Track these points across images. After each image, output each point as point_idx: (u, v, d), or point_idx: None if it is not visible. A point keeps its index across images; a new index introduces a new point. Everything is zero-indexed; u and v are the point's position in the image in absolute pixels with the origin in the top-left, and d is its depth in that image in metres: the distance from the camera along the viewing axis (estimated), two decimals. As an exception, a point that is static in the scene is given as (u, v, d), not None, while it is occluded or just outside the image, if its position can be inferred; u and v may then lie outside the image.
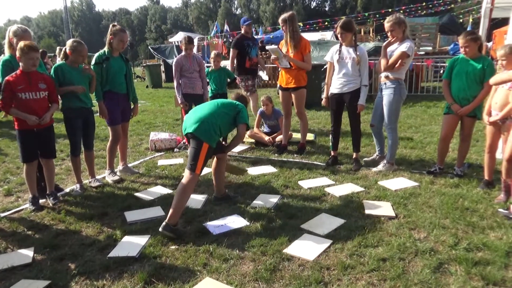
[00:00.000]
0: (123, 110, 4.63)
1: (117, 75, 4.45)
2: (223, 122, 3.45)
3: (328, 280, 2.51)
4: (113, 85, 4.43)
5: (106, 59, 4.36)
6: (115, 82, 4.44)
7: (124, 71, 4.53)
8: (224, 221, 3.39)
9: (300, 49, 5.05)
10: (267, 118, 6.30)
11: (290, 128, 5.67)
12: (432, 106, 8.78)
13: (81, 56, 4.05)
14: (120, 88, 4.51)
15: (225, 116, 3.48)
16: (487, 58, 4.08)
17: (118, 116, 4.54)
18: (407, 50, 4.20)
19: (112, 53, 4.44)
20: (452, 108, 4.14)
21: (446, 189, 3.95)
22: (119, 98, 4.52)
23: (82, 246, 3.07)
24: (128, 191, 4.26)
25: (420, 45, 12.46)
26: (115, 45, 4.41)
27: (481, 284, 2.41)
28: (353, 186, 4.13)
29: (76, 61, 4.05)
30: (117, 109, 4.51)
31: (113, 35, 4.39)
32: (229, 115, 3.52)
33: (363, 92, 4.54)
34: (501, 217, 3.30)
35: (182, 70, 5.53)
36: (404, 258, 2.72)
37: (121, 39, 4.40)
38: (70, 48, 4.00)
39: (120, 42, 4.41)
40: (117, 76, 4.45)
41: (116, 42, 4.39)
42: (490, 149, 3.91)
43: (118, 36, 4.38)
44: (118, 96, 4.51)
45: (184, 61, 5.51)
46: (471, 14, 21.16)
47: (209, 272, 2.64)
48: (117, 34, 4.39)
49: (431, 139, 5.95)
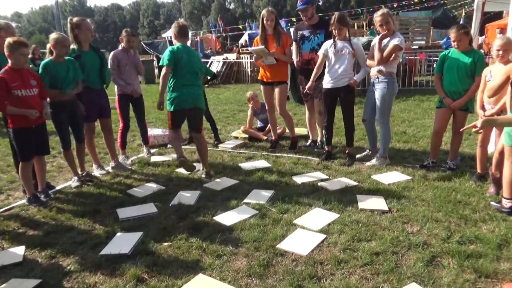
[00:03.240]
0: (100, 105, 4.52)
1: (92, 70, 4.32)
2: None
3: (321, 275, 2.51)
4: (88, 81, 4.30)
5: (77, 57, 4.18)
6: (90, 78, 4.31)
7: (98, 65, 4.38)
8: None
9: (282, 43, 5.03)
10: (258, 114, 6.27)
11: (276, 122, 5.64)
12: (425, 100, 8.81)
13: (64, 47, 3.94)
14: (96, 83, 4.40)
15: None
16: (477, 52, 4.09)
17: (93, 112, 4.44)
18: (399, 43, 4.21)
19: (82, 47, 4.26)
20: (444, 102, 4.15)
21: (439, 183, 3.97)
22: (94, 94, 4.40)
23: (73, 244, 3.04)
24: (120, 188, 4.23)
25: (414, 39, 12.48)
26: (83, 38, 4.24)
27: (473, 277, 2.42)
28: (346, 181, 4.13)
29: (61, 54, 3.95)
30: (93, 105, 4.40)
31: (78, 28, 4.19)
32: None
33: (362, 71, 4.58)
34: (493, 210, 3.31)
35: (119, 66, 4.94)
36: (397, 252, 2.73)
37: (87, 27, 4.24)
38: (53, 41, 3.91)
39: (88, 31, 4.24)
40: (92, 71, 4.32)
41: (83, 33, 4.22)
42: (482, 143, 3.92)
43: (82, 26, 4.20)
44: (94, 92, 4.40)
45: (122, 56, 4.94)
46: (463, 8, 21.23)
47: (202, 269, 2.63)
48: (80, 24, 4.20)
49: (424, 133, 5.97)
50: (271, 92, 5.37)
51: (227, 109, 9.15)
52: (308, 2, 4.94)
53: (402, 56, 9.96)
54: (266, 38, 5.08)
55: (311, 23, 5.05)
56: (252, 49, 5.19)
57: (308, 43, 5.04)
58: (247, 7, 66.91)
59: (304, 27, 5.11)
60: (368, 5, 32.92)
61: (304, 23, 5.13)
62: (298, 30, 5.22)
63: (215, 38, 23.42)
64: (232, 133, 6.54)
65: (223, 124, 7.40)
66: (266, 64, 5.13)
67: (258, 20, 5.23)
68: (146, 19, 77.89)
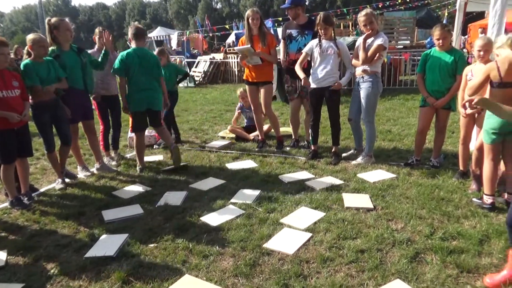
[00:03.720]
0: (83, 107, 4.45)
1: (74, 70, 4.23)
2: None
3: (307, 273, 2.53)
4: (71, 81, 4.20)
5: (56, 57, 4.10)
6: (73, 78, 4.20)
7: (79, 64, 4.29)
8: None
9: (267, 43, 5.04)
10: (246, 111, 6.26)
11: (263, 121, 5.66)
12: (410, 99, 8.94)
13: (42, 47, 3.87)
14: (78, 84, 4.29)
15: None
16: (458, 51, 4.18)
17: (76, 113, 4.36)
18: (383, 43, 4.26)
19: (62, 47, 4.18)
20: (427, 100, 4.22)
21: (423, 180, 4.03)
22: (77, 95, 4.31)
23: (57, 247, 3.00)
24: (105, 189, 4.18)
25: (398, 39, 12.62)
26: (62, 38, 4.16)
27: (455, 272, 2.47)
28: (332, 179, 4.16)
29: (39, 55, 3.88)
30: (76, 106, 4.31)
31: (56, 29, 4.11)
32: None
33: (348, 74, 4.61)
34: (475, 206, 3.38)
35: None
36: (382, 249, 2.76)
37: (66, 27, 4.16)
38: (30, 42, 3.85)
39: (67, 31, 4.17)
40: (74, 71, 4.23)
41: (63, 33, 4.14)
42: (464, 141, 4.00)
43: (61, 27, 4.12)
44: (78, 93, 4.31)
45: (98, 56, 4.73)
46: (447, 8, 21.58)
47: (188, 269, 2.62)
48: (59, 25, 4.12)
49: (408, 131, 6.05)
50: (256, 92, 5.38)
51: (214, 109, 9.12)
52: (292, 2, 4.95)
53: (387, 56, 10.10)
54: (251, 38, 5.09)
55: (299, 22, 5.06)
56: (238, 48, 5.18)
57: (296, 43, 5.05)
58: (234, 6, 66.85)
59: (293, 26, 5.12)
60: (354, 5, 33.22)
61: (293, 22, 5.13)
62: (286, 29, 5.22)
63: (202, 38, 23.32)
64: (219, 133, 6.53)
65: (210, 124, 7.38)
66: (251, 64, 5.14)
67: (244, 20, 5.23)
68: (132, 18, 77.02)
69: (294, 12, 4.99)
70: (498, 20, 4.38)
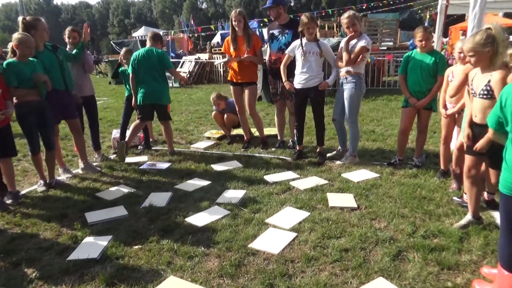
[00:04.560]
0: (65, 107, 4.35)
1: (52, 69, 4.12)
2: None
3: (292, 273, 2.55)
4: (51, 82, 4.07)
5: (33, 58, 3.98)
6: (52, 78, 4.07)
7: (57, 63, 4.20)
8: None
9: (252, 44, 5.07)
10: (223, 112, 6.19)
11: (247, 122, 5.65)
12: (393, 100, 9.07)
13: (28, 48, 3.78)
14: (58, 84, 4.18)
15: None
16: (438, 52, 4.27)
17: (56, 114, 4.27)
18: (366, 44, 4.32)
19: (37, 47, 4.04)
20: (409, 101, 4.29)
21: (405, 180, 4.10)
22: (58, 95, 4.20)
23: (39, 250, 2.95)
24: (89, 191, 4.13)
25: (382, 40, 12.81)
26: (39, 38, 4.03)
27: (436, 269, 2.53)
28: (317, 179, 4.20)
29: (24, 55, 3.79)
30: (56, 107, 4.21)
31: (34, 28, 3.98)
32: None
33: (334, 73, 4.64)
34: (455, 204, 3.46)
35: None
36: (365, 248, 2.80)
37: (44, 27, 4.06)
38: (16, 41, 3.75)
39: (44, 32, 4.08)
40: (52, 71, 4.11)
41: (40, 33, 4.04)
42: (445, 140, 4.09)
43: (39, 27, 4.03)
44: (57, 93, 4.19)
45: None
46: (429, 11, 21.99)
47: (173, 271, 2.61)
48: (37, 25, 4.02)
49: (392, 132, 6.14)
50: (241, 93, 5.39)
51: (200, 109, 9.09)
52: (273, 1, 4.98)
53: (370, 57, 10.23)
54: (236, 39, 5.11)
55: (281, 22, 5.09)
56: (218, 62, 5.29)
57: (277, 43, 5.08)
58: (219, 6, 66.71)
59: (275, 26, 5.16)
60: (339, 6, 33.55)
61: (275, 22, 5.16)
62: (269, 30, 5.27)
63: (187, 38, 23.18)
64: (205, 134, 6.51)
65: (195, 125, 7.35)
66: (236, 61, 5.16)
67: (229, 20, 5.25)
68: (116, 18, 76.19)
69: (276, 12, 5.02)
70: (477, 23, 4.49)
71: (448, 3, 6.74)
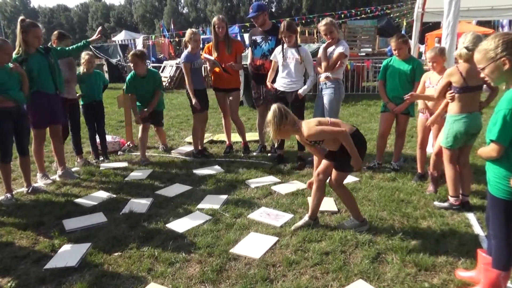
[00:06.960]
0: (52, 111, 4.30)
1: (42, 73, 4.10)
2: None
3: (273, 277, 2.56)
4: (41, 85, 4.09)
5: (23, 60, 3.97)
6: (42, 81, 4.07)
7: (47, 66, 4.16)
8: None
9: (234, 50, 5.14)
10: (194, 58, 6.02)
11: (230, 127, 5.68)
12: (372, 105, 9.25)
13: (6, 55, 3.71)
14: (49, 88, 4.17)
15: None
16: (416, 59, 4.39)
17: (44, 118, 4.23)
18: (344, 51, 4.40)
19: (28, 50, 4.04)
20: (388, 106, 4.40)
21: (384, 183, 4.18)
22: (48, 99, 4.17)
23: (15, 258, 2.87)
24: (67, 197, 4.04)
25: (361, 46, 13.05)
26: (30, 43, 4.02)
27: (414, 271, 2.59)
28: (298, 184, 4.24)
29: (1, 61, 3.71)
30: (45, 111, 4.18)
31: (25, 32, 3.98)
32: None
33: (309, 82, 4.67)
34: (431, 206, 3.55)
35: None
36: (345, 251, 2.84)
37: (35, 34, 4.04)
38: None
39: (35, 39, 4.05)
40: (42, 74, 4.10)
41: (31, 39, 4.02)
42: (421, 145, 4.20)
43: (31, 32, 4.01)
44: (47, 97, 4.16)
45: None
46: (405, 18, 22.54)
47: (154, 277, 2.58)
48: (29, 29, 4.00)
49: (371, 136, 6.25)
50: (224, 99, 5.42)
51: (181, 114, 9.04)
52: (259, 9, 5.02)
53: (350, 63, 10.42)
54: (218, 44, 5.13)
55: (264, 29, 5.14)
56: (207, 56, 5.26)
57: (260, 49, 5.12)
58: (200, 11, 66.59)
59: (257, 32, 5.20)
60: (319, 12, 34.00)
61: (258, 28, 5.21)
62: (251, 36, 5.30)
63: (168, 43, 23.03)
64: (186, 139, 6.48)
65: (176, 130, 7.31)
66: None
67: (211, 26, 5.27)
68: (95, 21, 74.95)
69: (262, 19, 5.07)
70: (451, 31, 4.65)
71: (424, 11, 6.94)
